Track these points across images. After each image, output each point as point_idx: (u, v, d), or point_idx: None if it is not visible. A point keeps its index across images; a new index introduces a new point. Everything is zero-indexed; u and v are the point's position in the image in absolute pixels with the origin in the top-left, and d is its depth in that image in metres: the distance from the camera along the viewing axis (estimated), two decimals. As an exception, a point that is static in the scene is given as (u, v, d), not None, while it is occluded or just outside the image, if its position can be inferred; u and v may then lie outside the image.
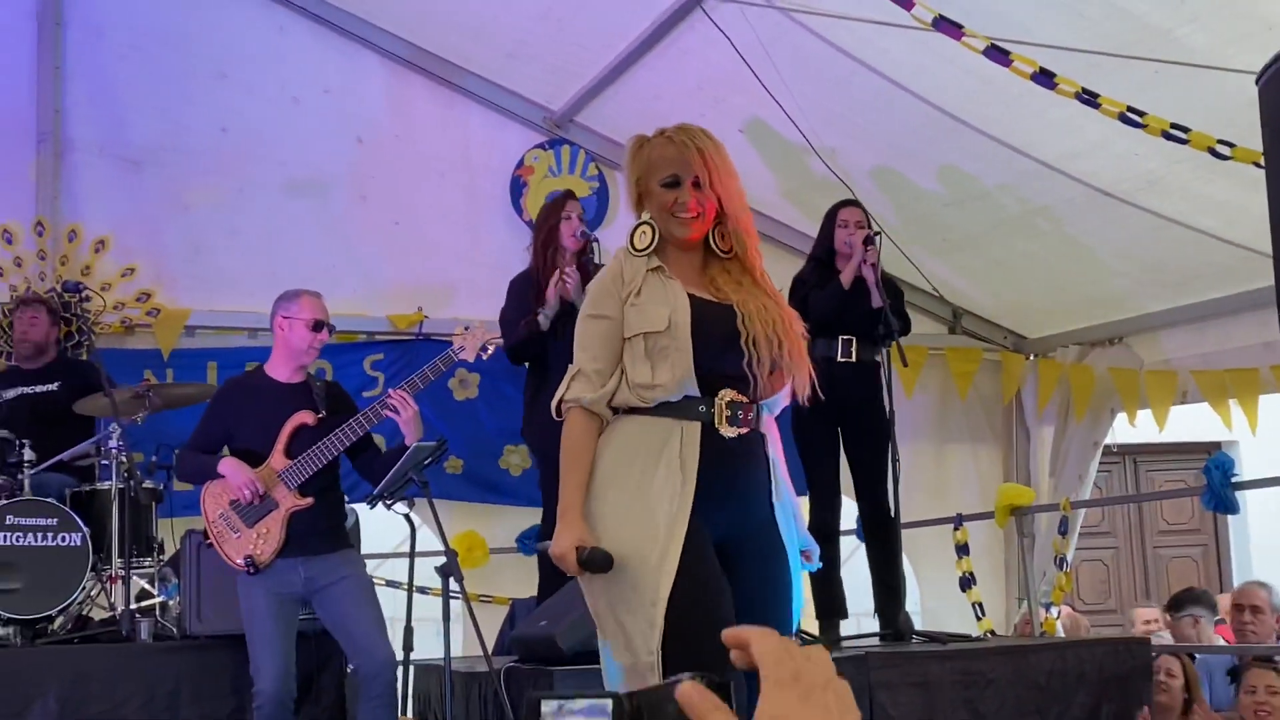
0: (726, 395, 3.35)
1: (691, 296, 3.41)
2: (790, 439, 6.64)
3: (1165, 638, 7.82)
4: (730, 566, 3.37)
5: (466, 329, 5.49)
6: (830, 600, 6.44)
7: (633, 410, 3.39)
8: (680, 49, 7.30)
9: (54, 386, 6.69)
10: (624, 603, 3.28)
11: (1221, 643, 7.69)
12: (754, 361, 3.36)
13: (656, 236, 3.46)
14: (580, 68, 7.90)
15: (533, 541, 7.91)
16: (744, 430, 3.38)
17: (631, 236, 3.50)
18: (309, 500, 5.22)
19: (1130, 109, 5.41)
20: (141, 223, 7.71)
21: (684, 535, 3.26)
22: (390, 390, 5.32)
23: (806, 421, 6.50)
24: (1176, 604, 7.91)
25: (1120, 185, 6.87)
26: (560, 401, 3.43)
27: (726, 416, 3.35)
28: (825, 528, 6.50)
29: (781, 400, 3.54)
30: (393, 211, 8.19)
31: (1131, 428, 8.60)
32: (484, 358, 5.59)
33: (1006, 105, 6.48)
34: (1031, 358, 9.17)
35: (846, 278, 6.29)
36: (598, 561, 3.25)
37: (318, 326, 5.36)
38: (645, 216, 3.49)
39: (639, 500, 3.30)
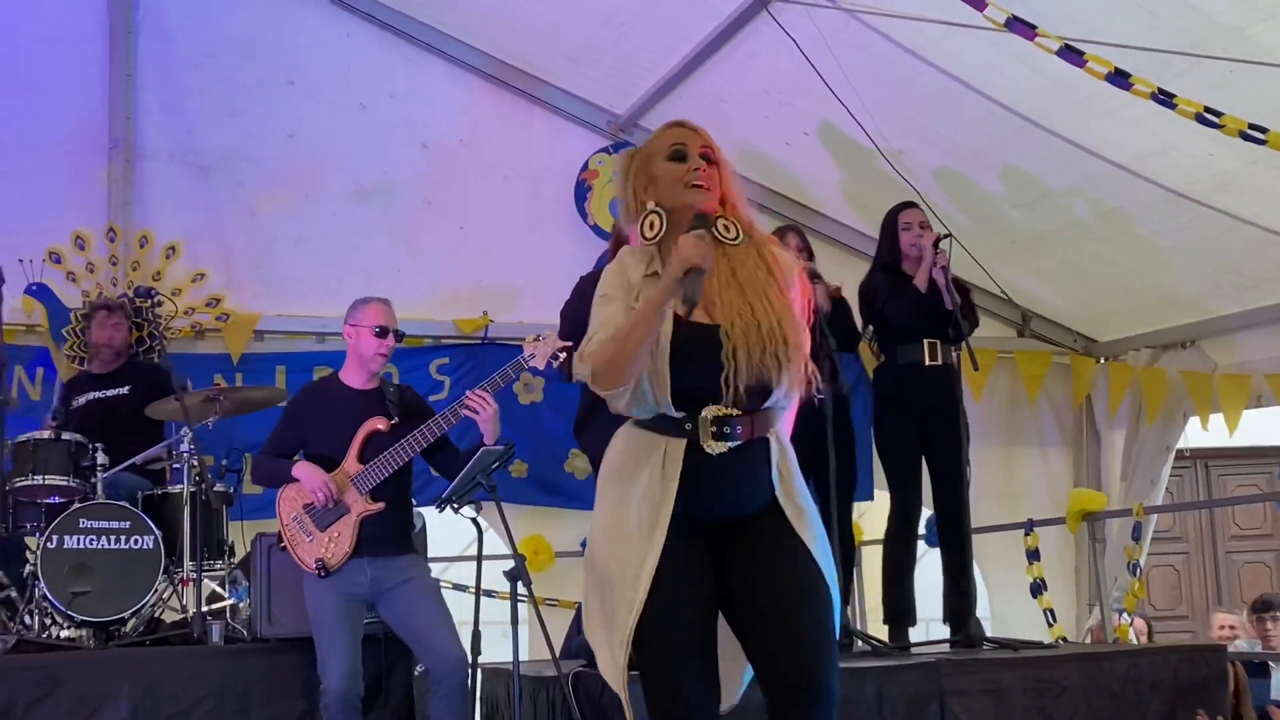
0: (711, 411, 3.28)
1: (676, 318, 3.30)
2: (861, 444, 6.64)
3: (1241, 644, 7.72)
4: (729, 544, 3.35)
5: (538, 338, 5.49)
6: (901, 606, 6.40)
7: (633, 419, 3.39)
8: (746, 51, 7.26)
9: (124, 390, 6.76)
10: (603, 614, 3.33)
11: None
12: (734, 374, 3.25)
13: (665, 226, 3.38)
14: (645, 71, 7.88)
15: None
16: (734, 444, 3.30)
17: (641, 226, 3.41)
18: (380, 505, 5.26)
19: (1207, 109, 5.33)
20: (211, 229, 7.78)
21: (660, 552, 3.24)
22: (470, 391, 5.33)
23: (889, 428, 6.49)
24: (1265, 605, 7.86)
25: (1193, 186, 6.78)
26: (580, 363, 3.37)
27: (712, 433, 3.28)
28: (904, 533, 6.47)
29: (791, 401, 3.42)
30: (458, 216, 8.21)
31: (1204, 432, 8.47)
32: (554, 366, 5.59)
33: (1077, 106, 6.40)
34: (1102, 361, 9.06)
35: (921, 281, 6.26)
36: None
37: (382, 332, 5.40)
38: (651, 205, 3.40)
39: (620, 518, 3.31)
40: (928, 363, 6.36)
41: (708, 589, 3.33)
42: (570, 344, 6.03)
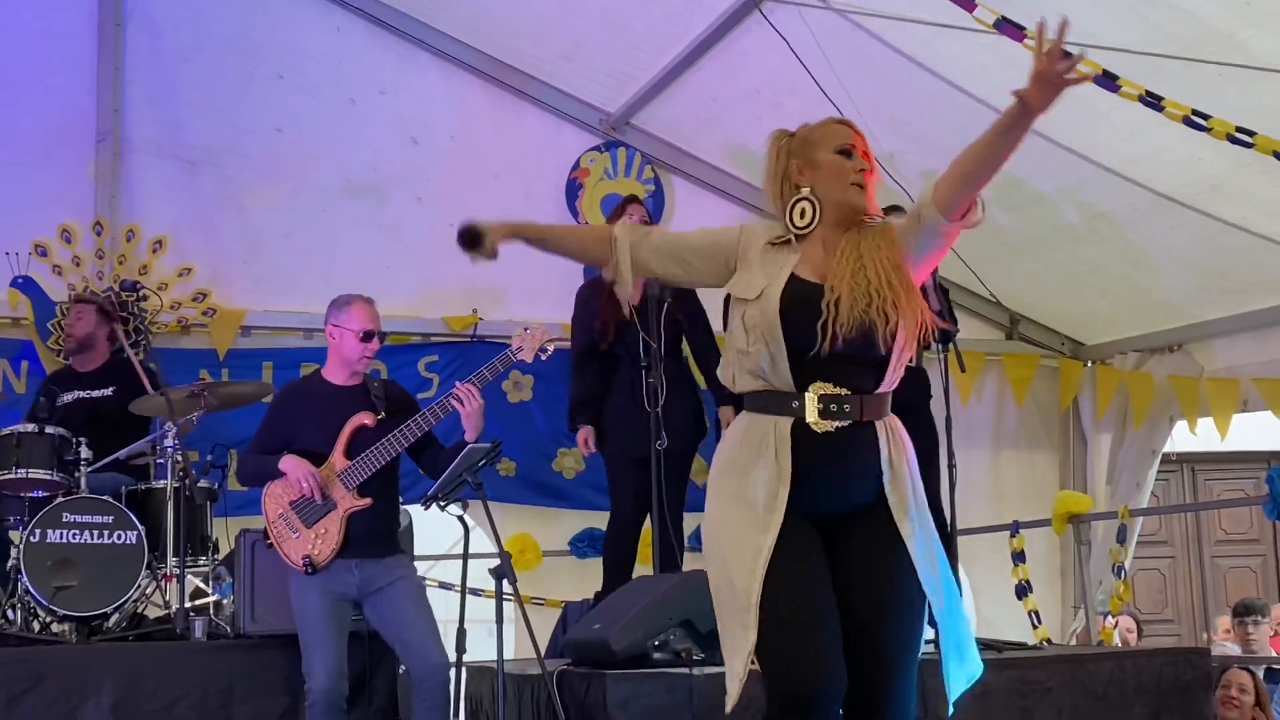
0: (819, 388, 3.29)
1: (792, 275, 3.35)
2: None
3: (1227, 648, 7.74)
4: (834, 544, 3.35)
5: (526, 330, 5.49)
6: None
7: (746, 402, 3.40)
8: (738, 51, 7.26)
9: (109, 391, 6.72)
10: (724, 607, 3.31)
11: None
12: (833, 322, 3.25)
13: (818, 216, 3.41)
14: (637, 70, 7.88)
15: (585, 544, 7.91)
16: (842, 423, 3.30)
17: (790, 213, 3.42)
18: (367, 501, 5.24)
19: (1195, 112, 5.34)
20: (198, 223, 7.75)
21: (776, 538, 3.24)
22: (457, 383, 5.32)
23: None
24: (1247, 609, 7.90)
25: (1182, 190, 6.78)
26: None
27: (819, 410, 3.28)
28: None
29: (897, 376, 3.42)
30: (448, 213, 8.11)
31: (1193, 435, 8.49)
32: (542, 359, 5.58)
33: (1067, 109, 6.32)
34: (1089, 364, 9.07)
35: None
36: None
37: (367, 337, 5.38)
38: (805, 191, 3.43)
39: (736, 509, 3.31)
40: None
41: (824, 572, 3.30)
42: (559, 338, 6.06)
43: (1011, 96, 3.30)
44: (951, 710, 3.45)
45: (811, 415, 3.28)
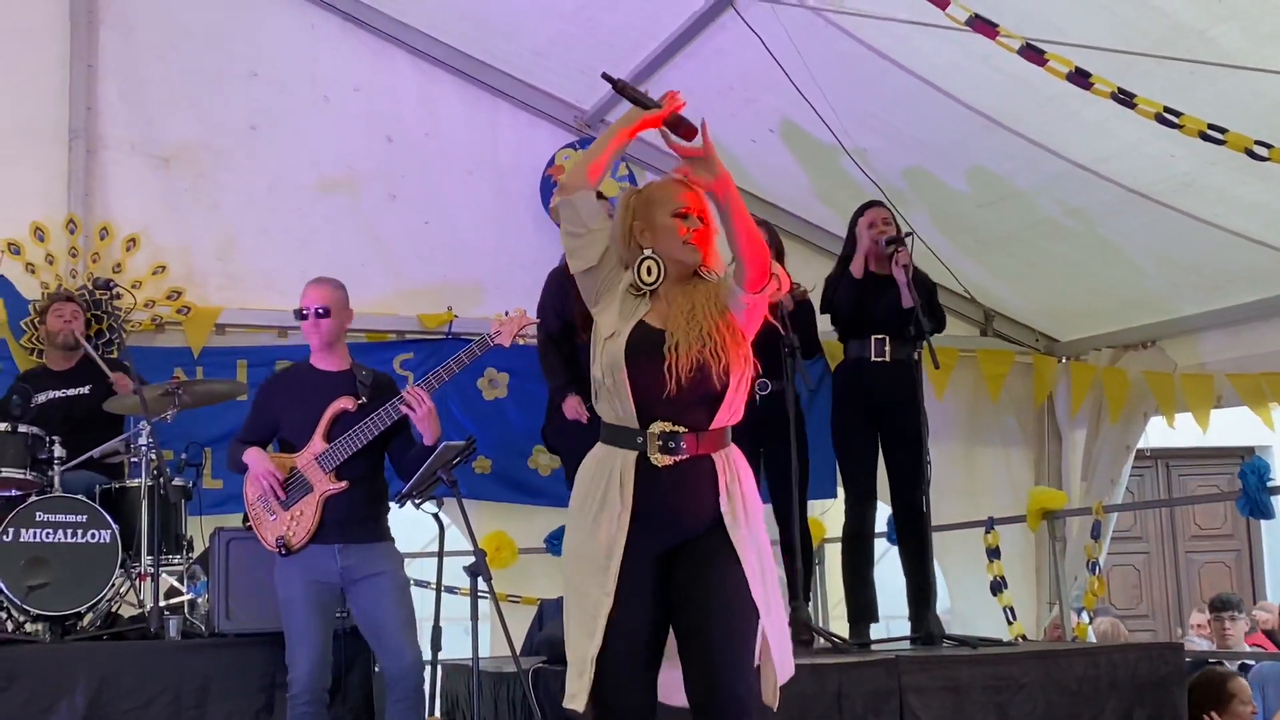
0: (658, 426, 3.61)
1: (640, 322, 3.68)
2: (825, 441, 6.65)
3: (1199, 643, 7.77)
4: (674, 568, 3.66)
5: (507, 314, 5.50)
6: (862, 603, 6.42)
7: (601, 435, 3.73)
8: (713, 48, 7.26)
9: (85, 390, 6.70)
10: (574, 633, 3.63)
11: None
12: (675, 364, 3.58)
13: (663, 274, 3.71)
14: (611, 67, 7.71)
15: (561, 542, 7.89)
16: (680, 458, 3.61)
17: (638, 270, 3.71)
18: (344, 484, 5.21)
19: (1167, 109, 5.36)
20: (172, 221, 7.72)
21: (619, 569, 3.58)
22: (405, 389, 5.31)
23: (843, 422, 6.51)
24: (1223, 604, 7.94)
25: (1155, 187, 6.81)
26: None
27: (658, 446, 3.60)
28: (859, 530, 6.49)
29: (735, 408, 3.72)
30: (423, 211, 8.18)
31: (1171, 429, 8.53)
32: (520, 344, 5.58)
33: (1040, 106, 6.43)
34: (1064, 360, 9.11)
35: (856, 267, 6.35)
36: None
37: (300, 314, 5.39)
38: (649, 251, 3.72)
39: (584, 543, 3.65)
40: (873, 358, 6.39)
41: (657, 617, 3.65)
42: (538, 320, 6.05)
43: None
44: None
45: (653, 451, 3.60)
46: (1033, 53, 5.43)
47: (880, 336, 6.41)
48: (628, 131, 3.89)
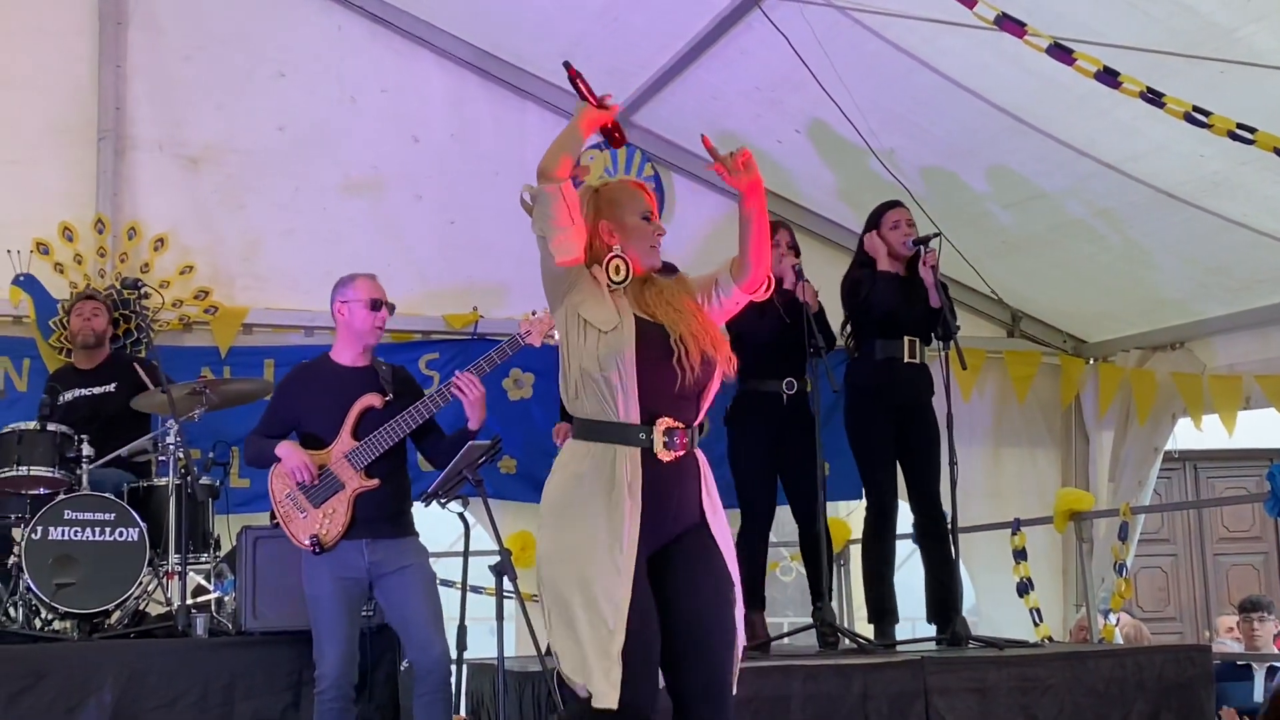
0: (664, 424, 3.63)
1: (637, 316, 3.72)
2: (840, 441, 6.63)
3: (1229, 645, 7.73)
4: (663, 570, 3.67)
5: (534, 314, 5.51)
6: (883, 603, 6.40)
7: (581, 433, 3.71)
8: (738, 49, 7.25)
9: (111, 388, 6.73)
10: (587, 631, 3.55)
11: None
12: (686, 356, 3.65)
13: (630, 274, 3.77)
14: (637, 68, 7.87)
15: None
16: (679, 454, 3.66)
17: (607, 267, 3.77)
18: (375, 482, 5.22)
19: (1196, 108, 5.33)
20: (200, 221, 7.76)
21: (631, 577, 3.56)
22: (457, 372, 5.32)
23: (864, 422, 6.49)
24: (1253, 606, 7.90)
25: (1183, 187, 6.78)
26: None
27: (664, 443, 3.63)
28: (880, 531, 6.48)
29: (710, 404, 3.82)
30: (448, 211, 8.19)
31: (1199, 431, 8.49)
32: (551, 343, 5.59)
33: (1069, 106, 6.40)
34: (1091, 361, 9.07)
35: (884, 265, 6.34)
36: None
37: (376, 305, 5.39)
38: (617, 249, 3.79)
39: (586, 536, 3.60)
40: (906, 359, 6.38)
41: (655, 608, 3.65)
42: None
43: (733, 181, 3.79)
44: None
45: (659, 447, 3.63)
46: (1061, 52, 5.40)
47: (912, 338, 6.40)
48: (587, 129, 3.92)
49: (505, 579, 4.97)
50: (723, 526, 3.79)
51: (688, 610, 3.65)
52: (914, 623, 6.84)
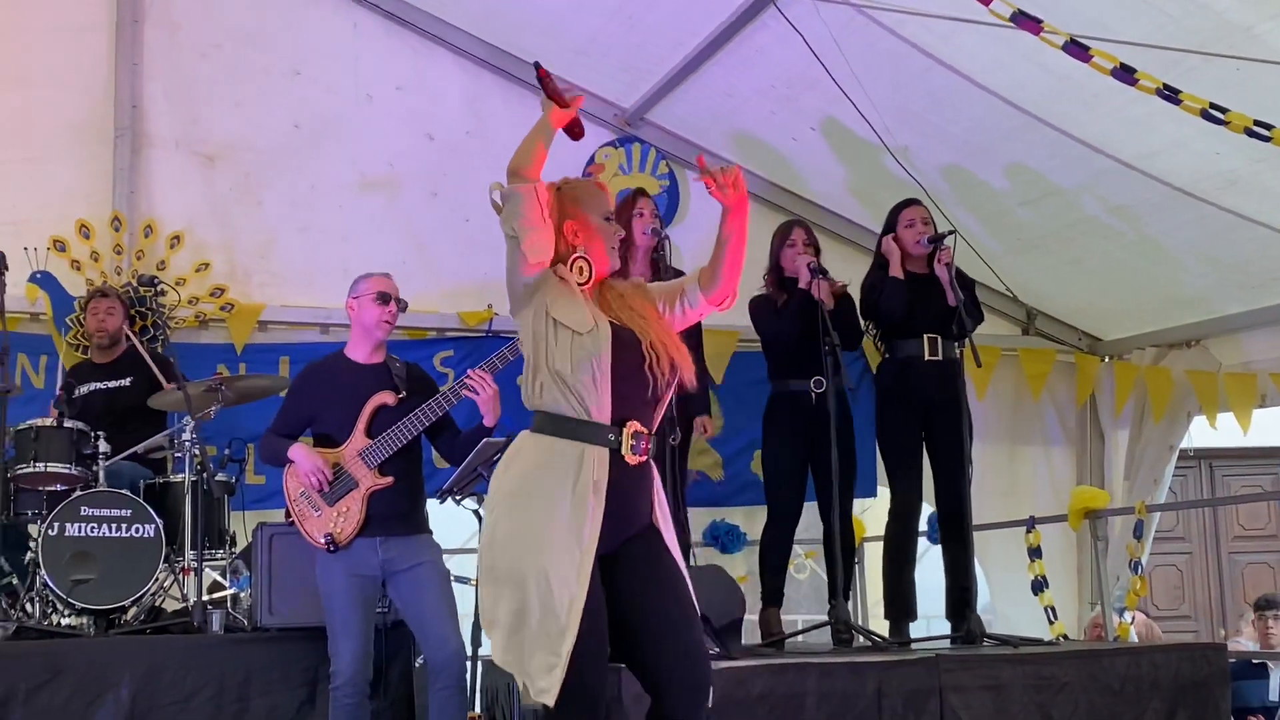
0: (632, 427, 3.65)
1: (610, 320, 3.71)
2: (865, 440, 6.64)
3: (1244, 644, 7.71)
4: (618, 570, 3.68)
5: None
6: (902, 601, 6.40)
7: (545, 427, 3.67)
8: (753, 46, 7.25)
9: (126, 382, 6.76)
10: (535, 624, 3.51)
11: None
12: (657, 363, 3.68)
13: (593, 272, 3.80)
14: (652, 65, 7.87)
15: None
16: (642, 459, 3.69)
17: (572, 267, 3.78)
18: (389, 480, 5.23)
19: (1212, 105, 5.32)
20: (216, 218, 7.78)
21: (588, 578, 3.53)
22: (469, 370, 5.32)
23: (887, 422, 6.50)
24: (1268, 604, 7.89)
25: (1199, 184, 6.76)
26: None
27: (630, 446, 3.64)
28: (903, 527, 6.48)
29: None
30: (464, 209, 8.19)
31: (1214, 429, 8.47)
32: None
33: (1084, 103, 6.39)
34: (1106, 359, 9.05)
35: (896, 271, 6.32)
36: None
37: (384, 299, 5.39)
38: (581, 250, 3.79)
39: (544, 528, 3.54)
40: (927, 357, 6.40)
41: (605, 610, 3.65)
42: None
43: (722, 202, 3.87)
44: None
45: (625, 449, 3.64)
46: (1077, 48, 5.39)
47: (932, 335, 6.40)
48: (557, 124, 3.92)
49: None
50: (672, 534, 3.82)
51: (652, 601, 3.66)
52: (929, 620, 6.83)
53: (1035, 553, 7.39)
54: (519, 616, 3.52)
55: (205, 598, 5.84)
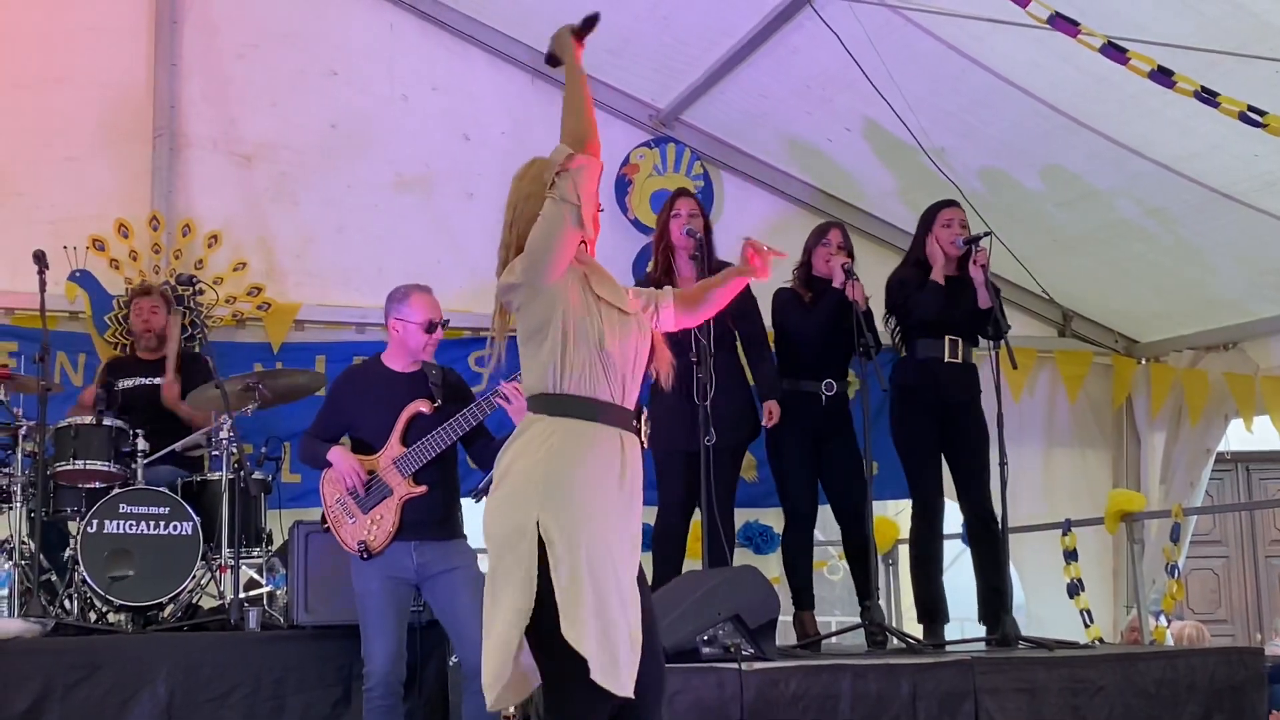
0: (644, 415, 3.70)
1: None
2: (888, 441, 6.62)
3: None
4: None
5: None
6: (931, 602, 6.39)
7: (576, 410, 3.51)
8: (788, 47, 7.24)
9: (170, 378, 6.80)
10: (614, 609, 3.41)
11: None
12: (657, 380, 3.75)
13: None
14: (686, 65, 7.87)
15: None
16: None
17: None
18: (423, 488, 5.26)
19: (1251, 108, 5.29)
20: (253, 218, 7.82)
21: (638, 564, 3.57)
22: (502, 381, 5.34)
23: (907, 422, 6.48)
24: None
25: (1237, 186, 6.73)
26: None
27: (645, 433, 3.70)
28: (925, 528, 6.47)
29: None
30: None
31: (1250, 433, 8.41)
32: None
33: (1121, 104, 6.36)
34: (1143, 362, 9.00)
35: (938, 275, 6.30)
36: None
37: (430, 328, 5.41)
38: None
39: (622, 519, 3.51)
40: (946, 359, 6.37)
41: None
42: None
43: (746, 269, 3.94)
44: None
45: (643, 438, 3.64)
46: (1115, 51, 5.37)
47: (955, 338, 6.38)
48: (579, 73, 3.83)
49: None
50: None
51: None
52: (963, 623, 6.81)
53: (1071, 555, 7.37)
54: (604, 605, 3.36)
55: (242, 595, 5.88)
